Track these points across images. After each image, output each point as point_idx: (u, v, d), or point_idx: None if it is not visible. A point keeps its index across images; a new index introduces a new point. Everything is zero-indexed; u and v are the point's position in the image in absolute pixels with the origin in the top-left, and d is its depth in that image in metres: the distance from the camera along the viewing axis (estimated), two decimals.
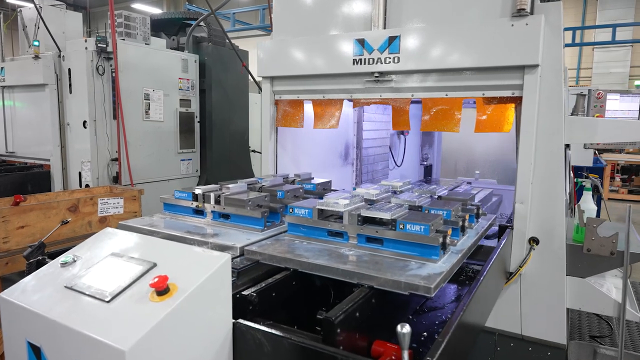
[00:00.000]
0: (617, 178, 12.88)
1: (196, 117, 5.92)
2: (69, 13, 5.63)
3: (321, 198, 2.62)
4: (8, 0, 19.00)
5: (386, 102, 3.18)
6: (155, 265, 1.42)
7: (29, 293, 1.42)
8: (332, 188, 3.17)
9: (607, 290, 2.89)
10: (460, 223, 2.09)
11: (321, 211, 2.08)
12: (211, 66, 5.98)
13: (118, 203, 3.61)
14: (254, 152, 7.33)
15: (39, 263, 2.01)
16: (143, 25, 5.25)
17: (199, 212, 2.45)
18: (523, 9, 2.57)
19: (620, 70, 15.70)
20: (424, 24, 2.97)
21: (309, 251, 1.93)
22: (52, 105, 5.05)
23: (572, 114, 3.07)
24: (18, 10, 5.79)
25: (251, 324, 1.44)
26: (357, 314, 1.54)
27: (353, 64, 3.13)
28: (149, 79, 5.22)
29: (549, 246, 2.79)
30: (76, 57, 4.85)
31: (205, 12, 6.27)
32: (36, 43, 5.14)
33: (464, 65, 2.79)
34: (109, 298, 1.31)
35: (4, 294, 1.44)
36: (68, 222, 2.27)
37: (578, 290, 2.82)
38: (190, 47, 5.94)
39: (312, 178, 3.19)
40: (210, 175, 6.10)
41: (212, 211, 2.36)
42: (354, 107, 3.78)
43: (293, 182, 3.01)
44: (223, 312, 1.41)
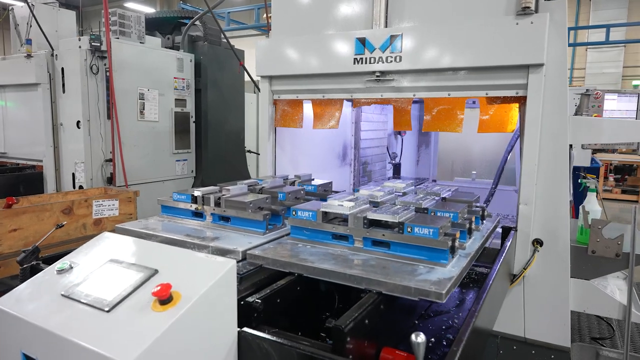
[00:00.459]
0: (611, 178, 12.94)
1: (192, 117, 5.84)
2: (62, 11, 5.53)
3: (323, 200, 2.57)
4: None
5: (387, 102, 3.13)
6: (156, 272, 1.36)
7: (24, 302, 1.35)
8: (332, 189, 3.12)
9: (611, 292, 2.86)
10: (467, 225, 2.05)
11: (325, 214, 2.03)
12: (207, 65, 5.91)
13: (113, 205, 3.53)
14: (249, 152, 7.27)
15: (33, 268, 1.94)
16: (138, 23, 5.17)
17: (198, 215, 2.39)
18: (528, 7, 2.53)
19: (613, 70, 15.79)
20: (427, 23, 2.93)
21: (314, 255, 1.88)
22: (45, 105, 4.95)
23: (576, 114, 3.03)
24: (10, 8, 5.67)
25: (257, 333, 1.39)
26: (366, 321, 1.48)
27: (354, 63, 3.08)
28: (144, 79, 5.14)
29: (553, 248, 2.75)
30: (69, 56, 4.76)
31: (200, 11, 6.19)
32: (28, 42, 5.03)
33: (468, 64, 2.74)
34: (109, 307, 1.24)
35: None
36: (63, 226, 2.20)
37: (582, 292, 2.79)
38: (185, 46, 5.86)
39: (313, 179, 3.14)
40: (205, 175, 6.03)
41: (212, 214, 2.30)
42: (354, 107, 3.73)
43: (293, 184, 2.95)
44: (228, 321, 1.35)
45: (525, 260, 2.78)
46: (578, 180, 3.62)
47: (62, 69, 4.83)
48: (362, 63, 3.05)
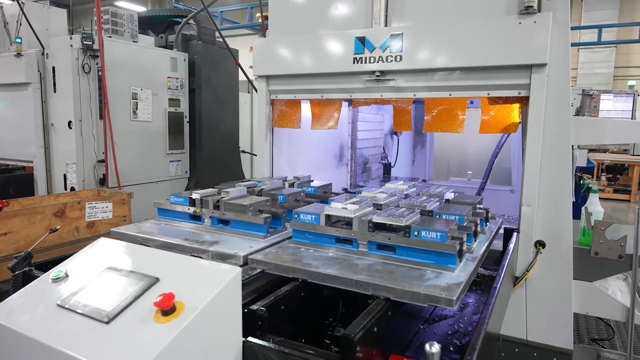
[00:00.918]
0: (603, 177, 13.02)
1: (185, 117, 5.76)
2: (53, 9, 5.42)
3: (324, 202, 2.51)
4: None
5: (387, 102, 3.09)
6: (157, 280, 1.30)
7: (18, 313, 1.28)
8: (331, 191, 3.07)
9: (612, 293, 2.84)
10: (473, 228, 2.00)
11: (328, 217, 1.97)
12: (201, 65, 5.83)
13: (107, 207, 3.45)
14: (244, 153, 7.20)
15: (26, 275, 1.87)
16: (130, 22, 5.08)
17: (196, 218, 2.32)
18: (531, 6, 2.50)
19: (605, 70, 15.90)
20: (428, 22, 2.89)
21: (317, 260, 1.82)
22: (35, 104, 4.85)
23: (578, 114, 3.01)
24: None
25: (263, 343, 1.33)
26: (375, 329, 1.44)
27: (353, 63, 3.03)
28: (137, 78, 5.05)
29: (556, 249, 2.72)
30: (61, 55, 4.66)
31: (193, 10, 6.10)
32: (18, 40, 4.92)
33: (469, 64, 2.71)
34: (108, 319, 1.18)
35: None
36: (57, 230, 2.12)
37: (585, 294, 2.77)
38: (179, 45, 5.78)
39: (312, 180, 3.08)
40: (200, 176, 5.95)
41: (211, 217, 2.24)
42: (353, 107, 3.68)
43: (292, 185, 2.90)
44: (233, 331, 1.29)
45: (527, 262, 2.75)
46: (580, 181, 3.60)
47: (53, 68, 4.73)
48: (362, 62, 3.00)
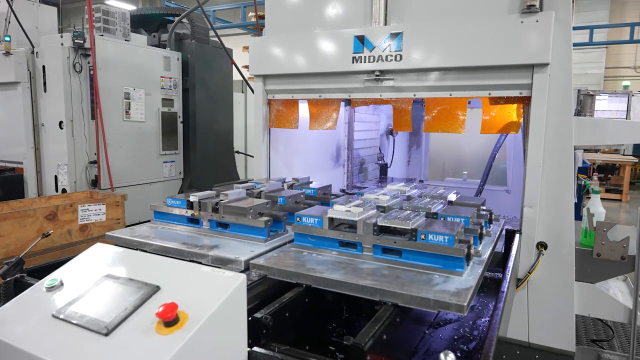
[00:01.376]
0: (595, 177, 13.10)
1: (179, 117, 5.68)
2: (43, 7, 5.32)
3: (325, 204, 2.47)
4: None
5: (387, 102, 3.05)
6: (158, 288, 1.24)
7: (10, 324, 1.21)
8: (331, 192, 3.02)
9: (613, 294, 2.82)
10: (478, 230, 1.97)
11: (331, 220, 1.92)
12: (194, 64, 5.75)
13: (100, 210, 3.37)
14: (238, 153, 7.13)
15: (18, 282, 1.80)
16: (123, 20, 4.99)
17: (194, 221, 2.26)
18: (533, 5, 2.47)
19: (596, 71, 16.03)
20: (428, 21, 2.85)
21: (321, 264, 1.77)
22: (25, 104, 4.74)
23: (579, 115, 2.99)
24: None
25: (270, 353, 1.28)
26: (384, 337, 1.39)
27: (352, 62, 2.98)
28: (130, 77, 4.96)
29: (558, 251, 2.69)
30: (51, 54, 4.56)
31: (186, 9, 6.02)
32: (7, 38, 4.80)
33: (471, 63, 2.67)
34: (107, 330, 1.12)
35: None
36: (49, 235, 2.05)
37: (587, 296, 2.74)
38: (172, 44, 5.70)
39: (311, 182, 3.03)
40: (194, 177, 5.87)
41: (210, 220, 2.18)
42: (352, 107, 3.64)
43: (291, 187, 2.84)
44: (238, 341, 1.24)
45: (529, 263, 2.72)
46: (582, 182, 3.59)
47: (43, 67, 4.63)
48: (361, 62, 2.96)
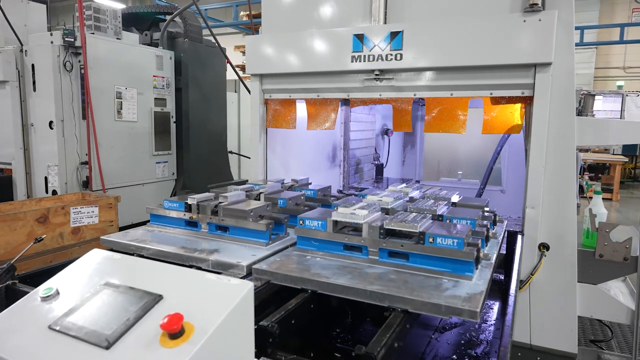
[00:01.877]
0: (586, 176, 13.22)
1: (172, 117, 5.59)
2: (32, 4, 5.20)
3: (325, 206, 2.42)
4: None
5: (387, 102, 3.00)
6: (161, 297, 1.17)
7: (4, 337, 1.14)
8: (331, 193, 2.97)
9: (614, 295, 2.81)
10: (485, 233, 1.93)
11: (335, 223, 1.87)
12: (187, 63, 5.66)
13: (92, 212, 3.28)
14: (231, 153, 7.05)
15: (9, 289, 1.73)
16: (114, 18, 4.89)
17: (192, 224, 2.20)
18: (536, 4, 2.44)
19: (586, 71, 16.14)
20: (429, 19, 2.81)
21: (326, 269, 1.72)
22: (14, 104, 4.62)
23: (581, 114, 2.97)
24: None
25: None
26: (396, 345, 1.34)
27: (351, 61, 2.93)
28: (121, 77, 4.87)
29: (560, 252, 2.67)
30: (41, 52, 4.45)
31: (177, 7, 5.92)
32: None
33: (472, 63, 2.63)
34: (108, 343, 1.06)
35: None
36: (42, 239, 1.97)
37: (589, 297, 2.72)
38: (164, 43, 5.60)
39: (310, 183, 2.98)
40: (187, 178, 5.79)
41: (209, 223, 2.11)
42: (351, 107, 3.59)
43: (291, 188, 2.79)
44: (245, 352, 1.18)
45: (531, 265, 2.69)
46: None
47: (33, 66, 4.52)
48: (360, 61, 2.91)
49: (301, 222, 1.91)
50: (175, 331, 1.03)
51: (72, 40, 4.39)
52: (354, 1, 3.03)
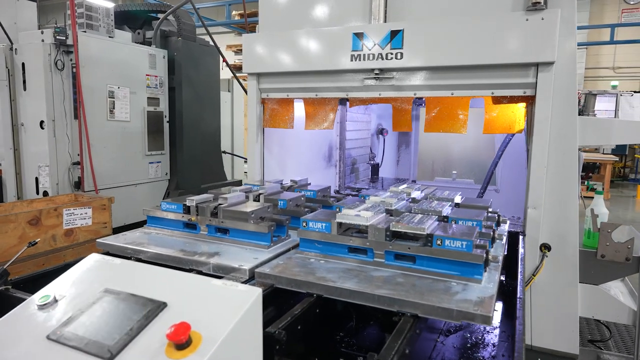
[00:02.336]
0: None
1: (165, 117, 5.50)
2: (22, 2, 5.08)
3: (326, 207, 2.38)
4: None
5: (386, 101, 2.96)
6: (165, 305, 1.12)
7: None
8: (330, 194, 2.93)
9: (615, 295, 2.80)
10: (491, 234, 1.90)
11: (340, 224, 1.83)
12: (181, 62, 5.58)
13: (86, 213, 3.21)
14: (224, 153, 6.98)
15: (3, 295, 1.66)
16: (106, 16, 4.80)
17: (191, 227, 2.14)
18: (538, 2, 2.42)
19: (577, 71, 16.29)
20: (429, 17, 2.78)
21: (331, 272, 1.68)
22: (4, 103, 4.51)
23: (582, 114, 2.95)
24: None
25: None
26: (407, 351, 1.30)
27: (351, 60, 2.89)
28: (114, 76, 4.78)
29: (562, 252, 2.65)
30: (31, 51, 4.36)
31: (169, 5, 5.84)
32: None
33: (474, 62, 2.60)
34: (111, 354, 1.00)
35: None
36: (36, 243, 1.90)
37: (591, 298, 2.71)
38: (158, 42, 5.51)
39: (309, 183, 2.93)
40: (181, 178, 5.71)
41: (208, 225, 2.06)
42: (350, 107, 3.54)
43: (290, 189, 2.74)
44: None
45: (533, 265, 2.66)
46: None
47: (23, 65, 4.42)
48: (360, 60, 2.87)
49: (304, 224, 1.86)
50: (182, 341, 0.98)
51: (64, 38, 4.30)
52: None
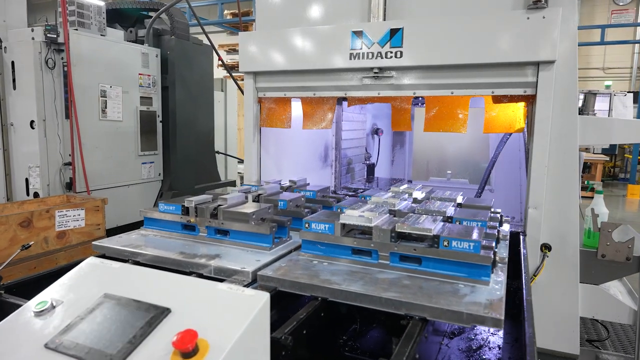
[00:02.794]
0: None
1: (158, 117, 5.43)
2: None
3: (327, 207, 2.34)
4: None
5: (386, 101, 2.93)
6: (169, 311, 1.08)
7: None
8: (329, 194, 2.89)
9: (614, 295, 2.79)
10: (496, 235, 1.87)
11: (343, 226, 1.79)
12: (174, 61, 5.51)
13: (79, 215, 3.14)
14: (218, 154, 6.91)
15: None
16: (98, 14, 4.72)
17: (190, 228, 2.09)
18: (539, 1, 2.40)
19: None
20: (429, 16, 2.75)
21: (336, 275, 1.64)
22: None
23: (582, 114, 2.95)
24: None
25: None
26: (417, 355, 1.27)
27: (349, 59, 2.86)
28: (106, 74, 4.70)
29: (562, 252, 2.64)
30: (21, 49, 4.27)
31: (163, 4, 5.76)
32: None
33: (474, 61, 2.58)
34: None
35: None
36: (30, 247, 1.84)
37: (591, 298, 2.70)
38: (150, 40, 5.44)
39: (308, 184, 2.89)
40: (174, 179, 5.64)
41: (208, 227, 2.01)
42: (348, 106, 3.51)
43: (288, 189, 2.70)
44: None
45: (534, 266, 2.65)
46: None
47: (13, 63, 4.33)
48: (359, 58, 2.84)
49: (307, 225, 1.82)
50: (188, 350, 0.94)
51: (55, 36, 4.21)
52: None
